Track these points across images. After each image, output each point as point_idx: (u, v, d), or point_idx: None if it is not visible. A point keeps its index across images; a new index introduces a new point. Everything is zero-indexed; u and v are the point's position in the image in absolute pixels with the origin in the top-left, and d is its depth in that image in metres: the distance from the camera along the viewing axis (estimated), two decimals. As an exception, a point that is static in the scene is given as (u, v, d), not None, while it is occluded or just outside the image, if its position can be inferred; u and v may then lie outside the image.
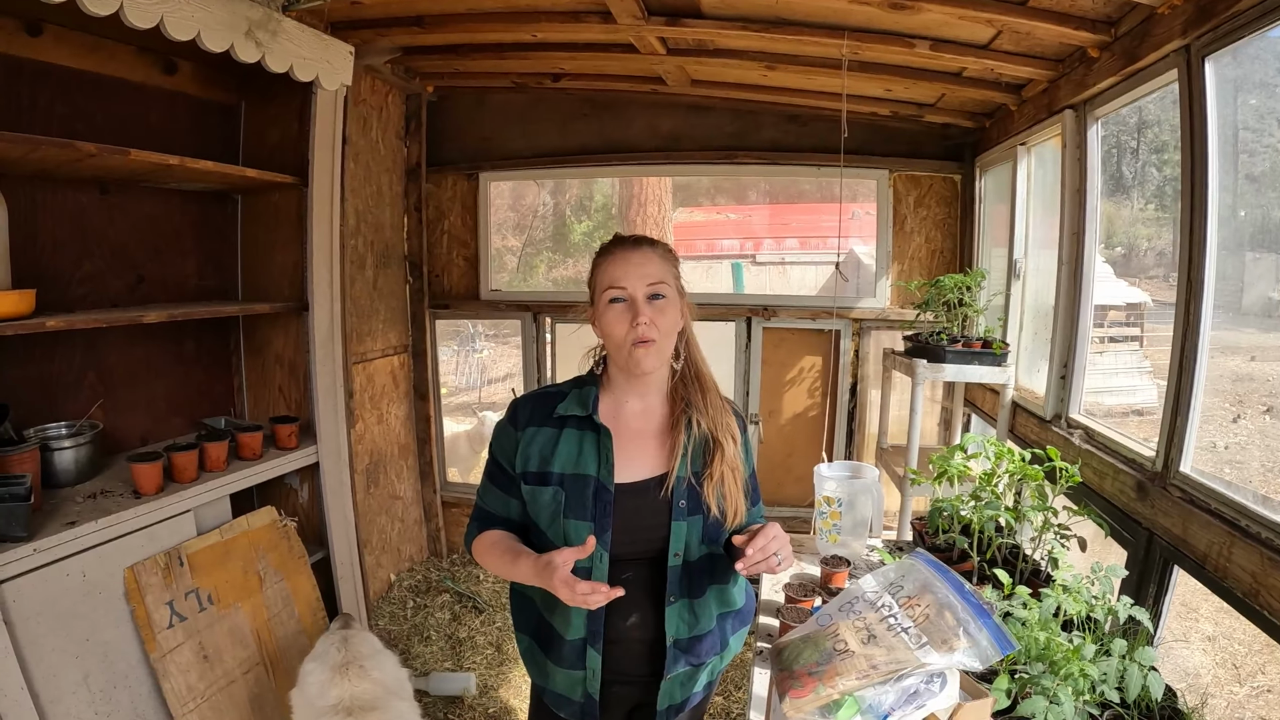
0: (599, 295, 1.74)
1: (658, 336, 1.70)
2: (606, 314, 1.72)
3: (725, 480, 1.76)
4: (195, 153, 2.80)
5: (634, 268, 1.72)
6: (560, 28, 3.60)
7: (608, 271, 1.73)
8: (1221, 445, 3.69)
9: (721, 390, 1.90)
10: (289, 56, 2.83)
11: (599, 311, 1.75)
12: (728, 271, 11.19)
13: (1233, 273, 2.67)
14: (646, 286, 1.71)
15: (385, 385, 4.88)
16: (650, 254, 1.75)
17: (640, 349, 1.69)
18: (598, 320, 1.76)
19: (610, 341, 1.75)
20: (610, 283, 1.71)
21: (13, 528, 2.15)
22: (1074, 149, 3.11)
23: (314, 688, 2.43)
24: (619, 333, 1.70)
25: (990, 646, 1.46)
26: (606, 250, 1.78)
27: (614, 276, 1.72)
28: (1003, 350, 3.69)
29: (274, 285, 3.41)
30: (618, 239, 1.80)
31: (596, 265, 1.78)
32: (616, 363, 1.79)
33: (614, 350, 1.76)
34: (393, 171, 4.87)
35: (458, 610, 4.63)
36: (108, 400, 2.96)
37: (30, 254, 2.63)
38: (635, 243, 1.77)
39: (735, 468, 1.79)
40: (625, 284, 1.70)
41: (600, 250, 1.80)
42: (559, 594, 1.53)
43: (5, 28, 2.51)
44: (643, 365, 1.72)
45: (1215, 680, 3.39)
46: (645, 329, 1.68)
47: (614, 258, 1.74)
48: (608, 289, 1.72)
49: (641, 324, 1.68)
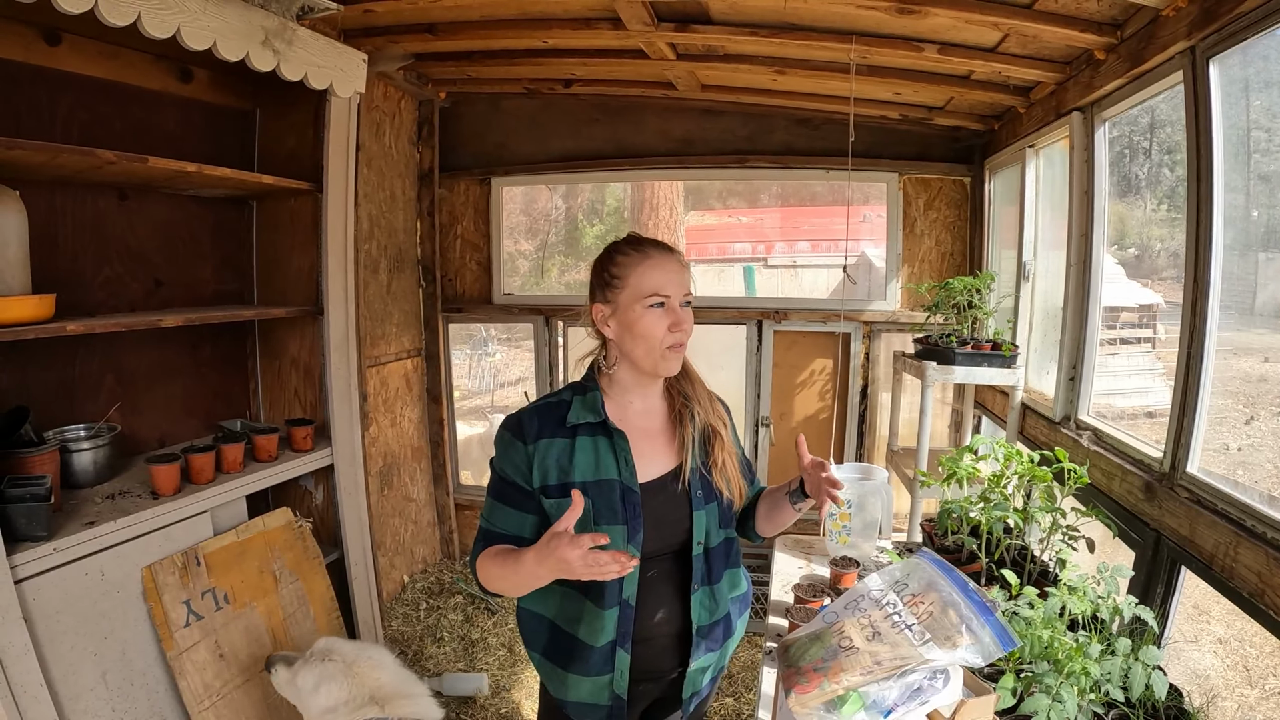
0: (636, 298, 1.76)
1: (688, 341, 1.81)
2: (647, 316, 1.75)
3: (727, 465, 1.87)
4: (211, 159, 2.84)
5: (674, 275, 1.77)
6: (571, 34, 3.63)
7: (650, 274, 1.75)
8: (1234, 447, 3.67)
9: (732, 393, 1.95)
10: (303, 65, 2.86)
11: (633, 315, 1.76)
12: (739, 275, 11.20)
13: (1246, 273, 2.66)
14: (683, 294, 1.78)
15: (399, 388, 4.93)
16: (682, 261, 1.82)
17: (673, 352, 1.78)
18: (630, 323, 1.77)
19: (645, 342, 1.77)
20: (655, 289, 1.75)
21: (33, 527, 2.19)
22: (1081, 151, 3.11)
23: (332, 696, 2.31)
24: (657, 334, 1.75)
25: (992, 643, 1.47)
26: (639, 249, 1.80)
27: (659, 283, 1.75)
28: (1012, 352, 3.69)
29: (289, 289, 3.45)
30: (646, 240, 1.83)
31: (624, 265, 1.79)
32: (640, 364, 1.81)
33: (643, 351, 1.78)
34: (406, 176, 4.91)
35: (470, 612, 4.66)
36: (126, 402, 3.00)
37: (51, 259, 2.67)
38: (669, 249, 1.81)
39: (731, 451, 1.92)
40: (670, 291, 1.75)
41: (626, 246, 1.82)
42: (572, 564, 1.45)
43: (24, 37, 2.55)
44: (672, 367, 1.81)
45: (1226, 683, 3.38)
46: (683, 335, 1.78)
47: (654, 262, 1.77)
48: (653, 294, 1.75)
49: (682, 331, 1.77)
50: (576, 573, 1.47)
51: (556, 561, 1.47)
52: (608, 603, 1.74)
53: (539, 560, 1.53)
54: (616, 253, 1.81)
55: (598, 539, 1.46)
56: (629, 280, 1.77)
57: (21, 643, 2.11)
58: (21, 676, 2.11)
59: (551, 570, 1.52)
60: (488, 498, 1.86)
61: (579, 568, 1.45)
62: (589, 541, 1.45)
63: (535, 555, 1.54)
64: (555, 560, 1.47)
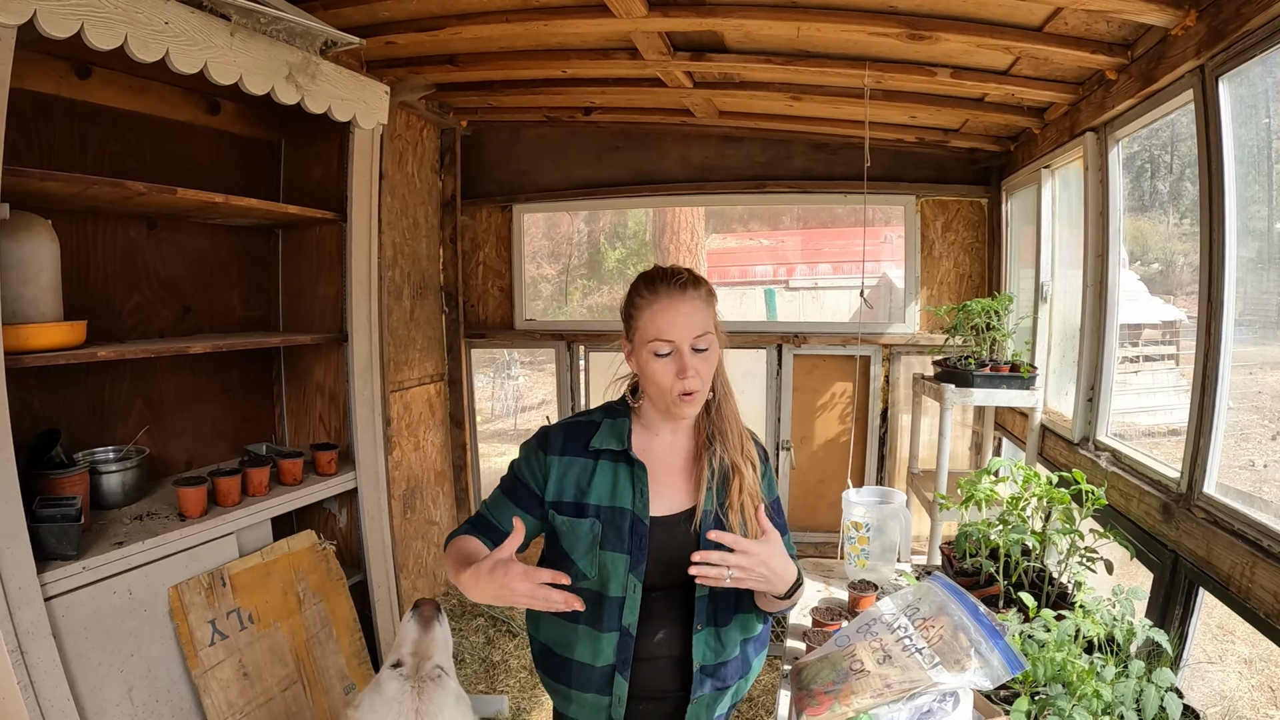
0: (644, 342, 1.70)
1: (700, 388, 1.70)
2: (652, 363, 1.69)
3: (745, 508, 1.76)
4: (239, 189, 2.91)
5: (682, 319, 1.67)
6: (590, 64, 3.70)
7: (654, 321, 1.68)
8: (1260, 463, 3.62)
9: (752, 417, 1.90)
10: (327, 98, 2.93)
11: (643, 359, 1.70)
12: (761, 298, 11.21)
13: (1270, 286, 2.65)
14: (693, 339, 1.68)
15: (422, 413, 4.98)
16: (695, 301, 1.70)
17: (685, 399, 1.69)
18: (641, 366, 1.72)
19: (655, 387, 1.71)
20: (658, 334, 1.67)
21: (63, 547, 2.23)
22: (1096, 171, 3.12)
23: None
24: (664, 383, 1.68)
25: (1001, 666, 1.48)
26: (651, 290, 1.71)
27: (661, 328, 1.67)
28: (1030, 374, 3.68)
29: (315, 316, 3.50)
30: (661, 277, 1.73)
31: (638, 306, 1.72)
32: (656, 405, 1.77)
33: (655, 394, 1.73)
34: (428, 204, 4.99)
35: (492, 634, 4.67)
36: (155, 426, 3.06)
37: (82, 286, 2.74)
38: (681, 287, 1.70)
39: (754, 494, 1.78)
40: (673, 337, 1.66)
41: (642, 287, 1.74)
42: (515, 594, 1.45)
43: (57, 70, 2.62)
44: (686, 413, 1.73)
45: (1252, 704, 3.32)
46: (690, 382, 1.67)
47: (661, 305, 1.68)
48: (654, 340, 1.67)
49: (689, 378, 1.66)
50: (516, 602, 1.47)
51: (499, 587, 1.47)
52: (606, 627, 1.73)
53: (480, 579, 1.51)
54: (634, 292, 1.75)
55: (558, 577, 1.46)
56: (639, 323, 1.71)
57: (50, 658, 2.15)
58: (50, 691, 2.14)
59: (490, 594, 1.51)
60: (496, 489, 1.88)
61: (521, 599, 1.46)
62: (546, 577, 1.45)
63: (478, 573, 1.51)
64: (498, 586, 1.47)
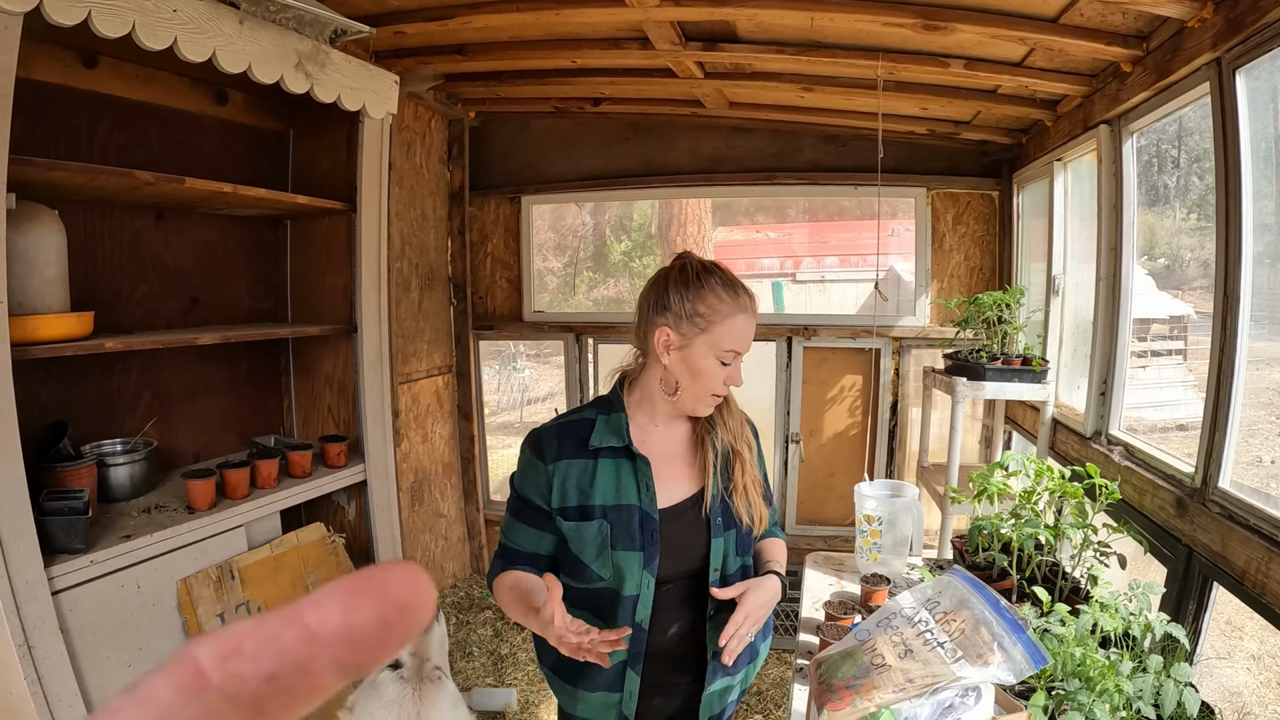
0: (714, 346, 1.68)
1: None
2: (712, 368, 1.69)
3: (749, 490, 1.80)
4: (247, 179, 2.90)
5: (752, 331, 1.73)
6: (600, 54, 3.67)
7: (735, 331, 1.69)
8: (1269, 460, 3.60)
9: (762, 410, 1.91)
10: (336, 87, 2.91)
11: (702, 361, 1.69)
12: (768, 290, 11.17)
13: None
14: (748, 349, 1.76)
15: (430, 405, 4.97)
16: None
17: (715, 399, 1.75)
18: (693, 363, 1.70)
19: (698, 387, 1.72)
20: (734, 345, 1.69)
21: (71, 540, 2.22)
22: (1109, 164, 3.09)
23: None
24: (714, 386, 1.71)
25: (1024, 661, 1.46)
26: (734, 296, 1.70)
27: (738, 340, 1.70)
28: (1042, 367, 3.66)
29: (323, 308, 3.49)
30: (742, 286, 1.73)
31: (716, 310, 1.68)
32: (679, 400, 1.76)
33: (690, 394, 1.73)
34: (436, 195, 4.97)
35: (500, 627, 4.67)
36: (163, 418, 3.05)
37: (89, 277, 2.73)
38: (752, 300, 1.74)
39: (754, 476, 1.84)
40: (744, 349, 1.72)
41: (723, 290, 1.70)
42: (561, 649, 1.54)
43: (63, 60, 2.60)
44: (706, 411, 1.78)
45: (1260, 700, 3.30)
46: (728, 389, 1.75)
47: (745, 318, 1.71)
48: (729, 350, 1.69)
49: (730, 385, 1.74)
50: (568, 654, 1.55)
51: (556, 641, 1.54)
52: (619, 624, 1.72)
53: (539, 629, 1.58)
54: (708, 290, 1.69)
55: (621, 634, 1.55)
56: (715, 326, 1.68)
57: (58, 652, 2.15)
58: (58, 686, 2.14)
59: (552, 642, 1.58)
60: (507, 514, 1.87)
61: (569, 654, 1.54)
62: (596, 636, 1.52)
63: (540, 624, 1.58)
64: (554, 640, 1.54)
